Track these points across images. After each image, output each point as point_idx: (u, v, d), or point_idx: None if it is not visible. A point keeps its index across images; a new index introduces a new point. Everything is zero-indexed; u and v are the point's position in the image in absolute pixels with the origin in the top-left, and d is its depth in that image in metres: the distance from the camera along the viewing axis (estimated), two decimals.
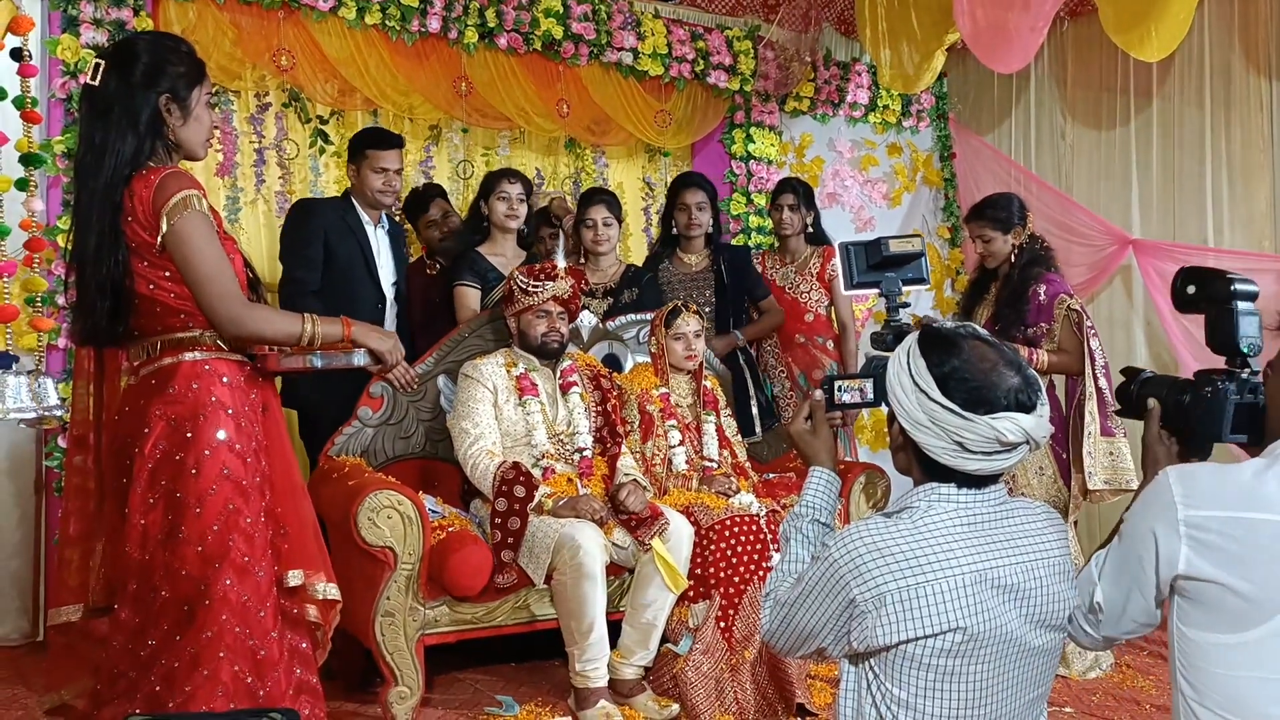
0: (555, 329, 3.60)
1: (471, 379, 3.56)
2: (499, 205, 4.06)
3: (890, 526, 1.69)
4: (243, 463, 2.31)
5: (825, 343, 4.66)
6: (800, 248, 4.71)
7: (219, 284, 2.29)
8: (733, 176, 5.60)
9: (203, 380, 2.32)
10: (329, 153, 4.77)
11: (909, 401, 1.73)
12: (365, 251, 3.83)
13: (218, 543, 2.25)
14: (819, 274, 4.63)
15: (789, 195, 4.64)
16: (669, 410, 3.82)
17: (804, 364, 4.67)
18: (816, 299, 4.65)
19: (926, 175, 6.09)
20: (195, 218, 2.26)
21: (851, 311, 4.79)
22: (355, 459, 3.60)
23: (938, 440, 1.70)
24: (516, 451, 3.52)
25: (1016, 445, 1.69)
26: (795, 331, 4.66)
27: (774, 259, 4.76)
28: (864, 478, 3.89)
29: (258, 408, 2.41)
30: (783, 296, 4.67)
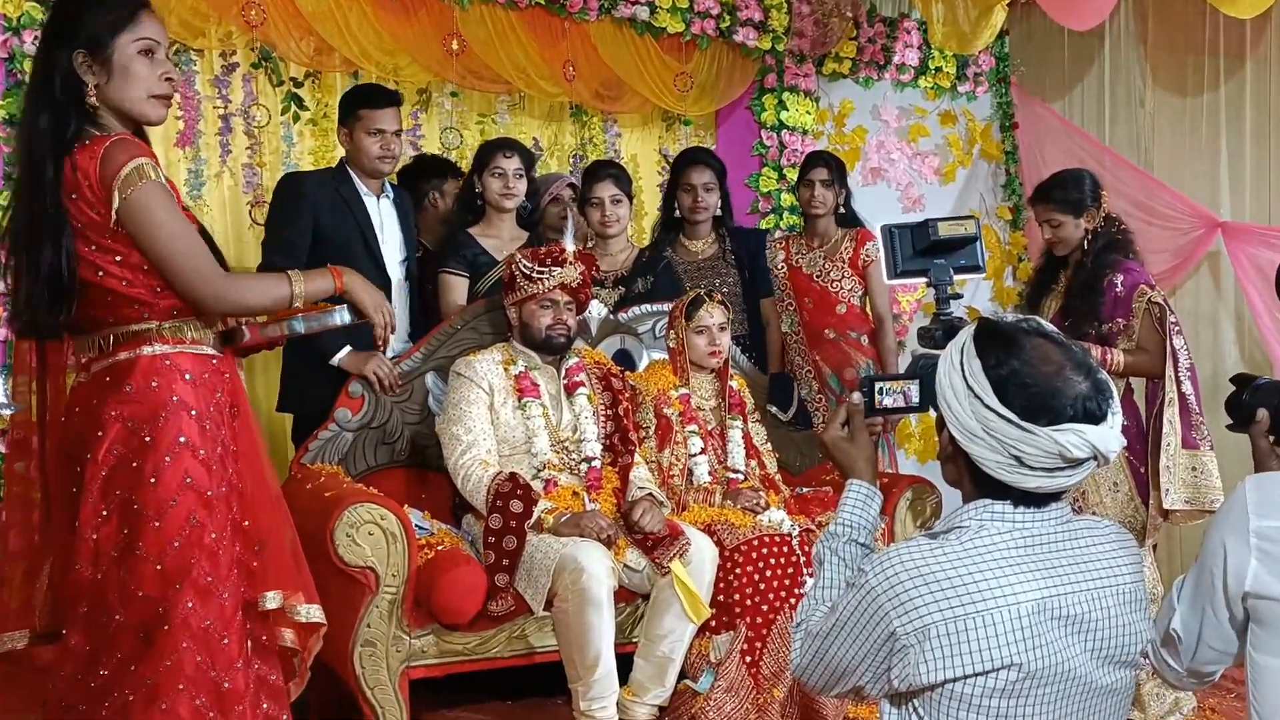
0: (561, 321, 3.61)
1: (464, 378, 3.57)
2: (493, 182, 4.07)
3: (936, 549, 1.69)
4: (207, 470, 2.32)
5: (859, 338, 4.66)
6: (831, 230, 4.71)
7: (192, 259, 2.30)
8: (762, 149, 5.59)
9: (162, 377, 2.33)
10: (304, 120, 4.79)
11: (961, 407, 1.72)
12: (365, 228, 3.84)
13: (179, 560, 2.26)
14: (852, 259, 4.64)
15: (820, 170, 4.64)
16: (689, 414, 3.83)
17: (834, 362, 4.67)
18: (850, 288, 4.65)
19: (984, 148, 6.08)
20: (152, 189, 2.27)
21: (889, 303, 4.79)
22: (332, 467, 3.62)
23: (992, 453, 1.70)
24: (514, 461, 3.52)
25: (1082, 461, 1.68)
26: (825, 325, 4.67)
27: (800, 243, 4.77)
28: (911, 493, 3.89)
29: (225, 408, 2.42)
30: (811, 286, 4.67)
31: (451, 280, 4.05)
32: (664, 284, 4.33)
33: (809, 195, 4.65)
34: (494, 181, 4.07)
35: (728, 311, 3.92)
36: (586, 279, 3.68)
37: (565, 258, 3.61)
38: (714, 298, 3.89)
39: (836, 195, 4.65)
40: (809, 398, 4.67)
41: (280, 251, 3.71)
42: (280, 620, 2.46)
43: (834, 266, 4.65)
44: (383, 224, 3.91)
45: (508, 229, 4.16)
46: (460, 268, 4.05)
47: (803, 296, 4.70)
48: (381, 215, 3.92)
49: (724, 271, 4.56)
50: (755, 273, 4.59)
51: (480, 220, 4.13)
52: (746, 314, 4.58)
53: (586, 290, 3.70)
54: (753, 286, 4.58)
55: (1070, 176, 4.00)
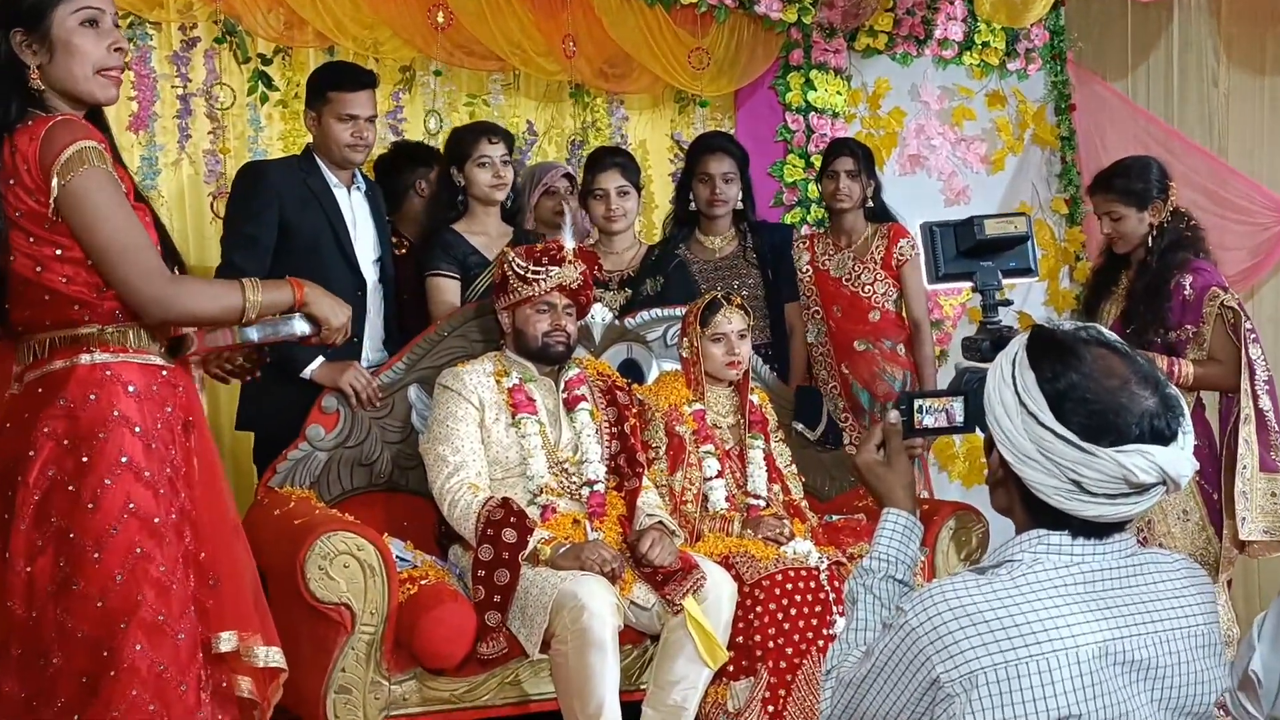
0: (560, 327, 3.61)
1: (451, 391, 3.57)
2: (480, 174, 4.06)
3: (984, 586, 1.68)
4: (154, 495, 2.31)
5: (894, 348, 4.66)
6: (859, 226, 4.71)
7: (135, 256, 2.30)
8: (787, 133, 5.59)
9: (103, 389, 2.32)
10: (272, 101, 4.79)
11: (1012, 426, 1.71)
12: (335, 223, 3.84)
13: (123, 596, 2.25)
14: (884, 259, 4.62)
15: (846, 159, 4.64)
16: (704, 432, 3.82)
17: (865, 376, 4.66)
18: (883, 292, 4.64)
19: (1037, 132, 6.06)
20: (95, 175, 2.26)
21: (927, 308, 4.77)
22: (303, 491, 3.62)
23: (1048, 477, 1.69)
24: (508, 485, 3.52)
25: (1149, 486, 1.67)
26: (855, 334, 4.66)
27: (826, 242, 4.77)
28: (954, 522, 3.88)
29: (175, 425, 2.41)
30: (840, 291, 4.67)
31: (443, 283, 4.06)
32: (676, 285, 4.32)
33: (833, 188, 4.65)
34: (481, 173, 4.06)
35: (748, 317, 3.91)
36: (588, 279, 3.67)
37: (564, 256, 3.60)
38: (733, 301, 3.88)
39: (864, 187, 4.65)
40: (835, 415, 4.67)
41: (242, 250, 3.71)
42: (235, 665, 2.45)
43: (865, 268, 4.64)
44: (355, 219, 3.91)
45: (494, 224, 4.16)
46: (451, 269, 4.06)
47: (830, 303, 4.69)
48: (353, 209, 3.92)
49: (744, 272, 4.56)
50: (779, 273, 4.59)
51: (463, 217, 4.13)
52: (769, 319, 4.58)
53: (588, 292, 3.69)
54: (776, 289, 4.59)
55: (1135, 164, 3.98)
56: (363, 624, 3.15)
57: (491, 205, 4.12)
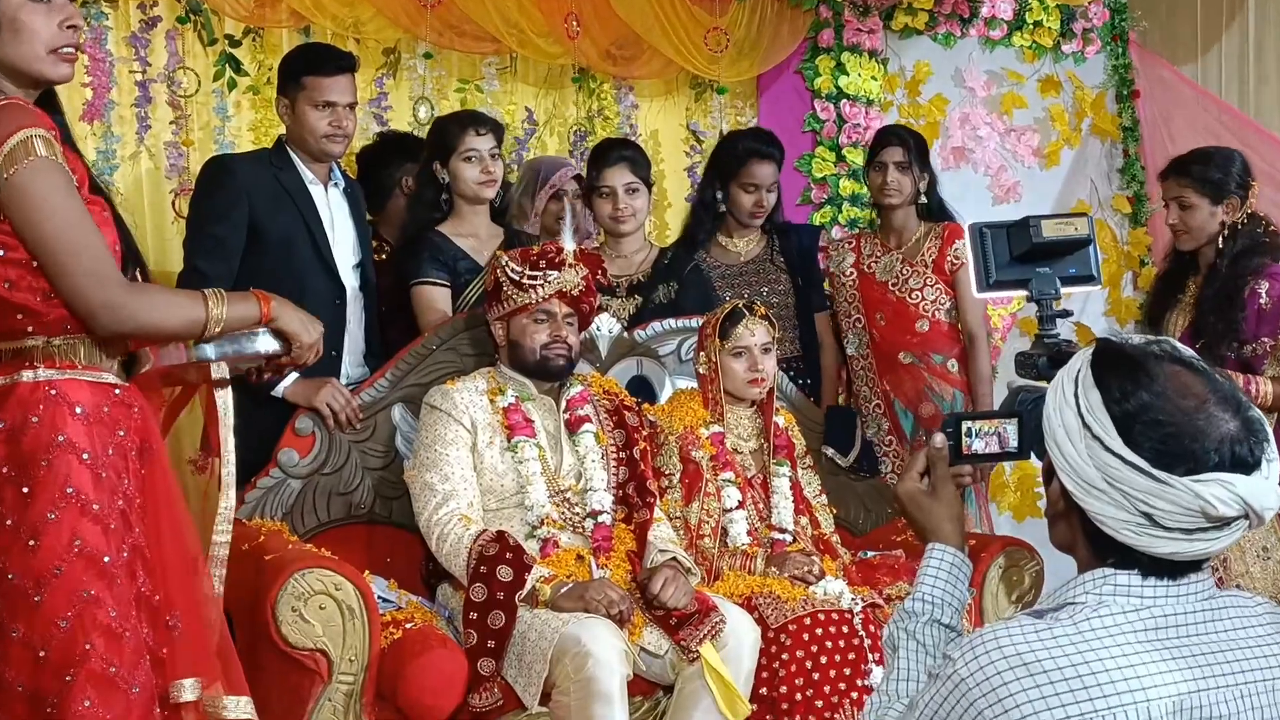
0: (561, 339, 3.61)
1: (439, 412, 3.57)
2: (467, 169, 4.07)
3: (1043, 631, 1.66)
4: (103, 530, 2.30)
5: (945, 363, 4.65)
6: (909, 225, 4.70)
7: (85, 257, 2.29)
8: (816, 123, 5.59)
9: (46, 410, 2.31)
10: (241, 88, 4.80)
11: (1075, 452, 1.71)
12: (312, 224, 3.86)
13: (67, 646, 2.23)
14: (937, 262, 4.62)
15: (895, 149, 4.62)
16: (724, 458, 3.82)
17: (910, 394, 4.66)
18: (933, 299, 4.63)
19: (1096, 122, 6.06)
20: (44, 167, 2.26)
21: (985, 318, 4.76)
22: (274, 524, 3.62)
23: (1115, 509, 1.68)
24: (503, 516, 3.52)
25: (1230, 520, 1.66)
26: (900, 346, 4.65)
27: (874, 243, 4.76)
28: (1003, 558, 3.86)
29: (129, 451, 2.40)
30: (885, 297, 4.67)
31: (433, 292, 4.06)
32: (693, 292, 4.34)
33: (880, 181, 4.64)
34: (468, 168, 4.07)
35: (773, 328, 3.91)
36: (591, 285, 3.67)
37: (563, 259, 3.60)
38: (756, 311, 3.88)
39: (916, 180, 4.64)
40: (877, 439, 4.67)
41: (207, 254, 3.73)
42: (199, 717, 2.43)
43: (914, 272, 4.63)
44: (333, 219, 3.93)
45: (484, 225, 4.17)
46: (442, 275, 4.07)
47: (874, 310, 4.69)
48: (331, 208, 3.94)
49: (771, 277, 4.58)
50: (808, 279, 4.58)
51: (449, 217, 4.14)
52: (799, 331, 4.57)
53: (591, 300, 3.70)
54: (807, 297, 4.58)
55: (1218, 154, 3.99)
56: (341, 672, 3.14)
57: (479, 204, 4.13)
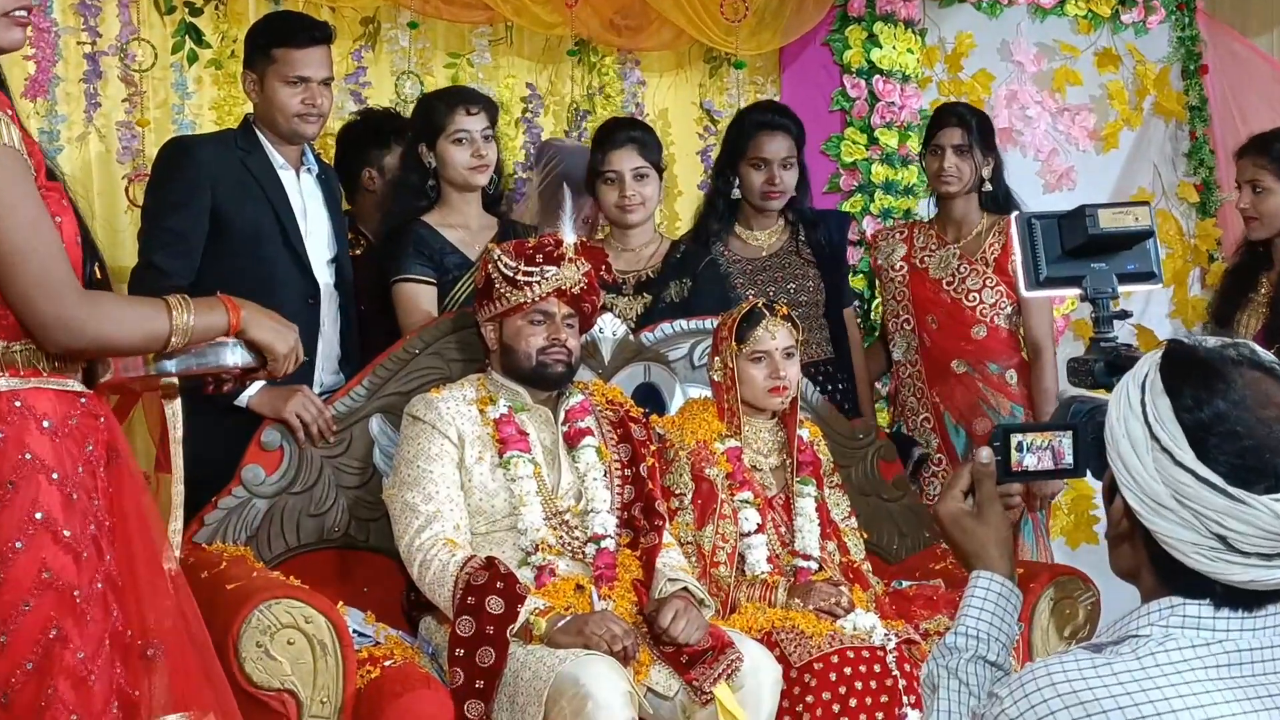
0: (560, 342, 3.61)
1: (423, 423, 3.57)
2: (456, 152, 4.09)
3: (1102, 667, 1.66)
4: (75, 560, 2.28)
5: (1002, 374, 4.65)
6: (970, 216, 4.70)
7: (38, 263, 2.28)
8: (845, 102, 5.59)
9: (12, 424, 2.29)
10: (203, 61, 4.81)
11: (1141, 466, 1.70)
12: (282, 214, 3.88)
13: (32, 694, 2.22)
14: (999, 260, 4.61)
15: (954, 131, 4.62)
16: (741, 476, 3.82)
17: (962, 407, 4.67)
18: (992, 302, 4.63)
19: (1159, 100, 6.05)
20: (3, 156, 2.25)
21: (1052, 325, 4.77)
22: (237, 549, 3.63)
23: (1186, 530, 1.67)
24: (494, 540, 3.53)
25: None
26: (953, 353, 4.66)
27: (928, 233, 4.76)
28: (1054, 589, 3.85)
29: (97, 466, 2.40)
30: (938, 297, 4.67)
31: (418, 290, 4.07)
32: (708, 290, 4.34)
33: (937, 166, 4.64)
34: (457, 151, 4.09)
35: (796, 330, 3.91)
36: (593, 282, 3.67)
37: (563, 253, 3.60)
38: (777, 310, 3.88)
39: (977, 166, 4.63)
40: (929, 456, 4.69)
41: (166, 248, 3.75)
42: None
43: (973, 270, 4.63)
44: (305, 208, 3.94)
45: (474, 214, 4.19)
46: (427, 271, 4.08)
47: (925, 311, 4.70)
48: (303, 196, 3.95)
49: (797, 272, 4.59)
50: (838, 274, 4.58)
51: (436, 205, 4.15)
52: (830, 332, 4.56)
53: (594, 298, 3.70)
54: (836, 293, 4.57)
55: None
56: (311, 715, 3.14)
57: (470, 191, 4.15)
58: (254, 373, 2.64)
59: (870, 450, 4.39)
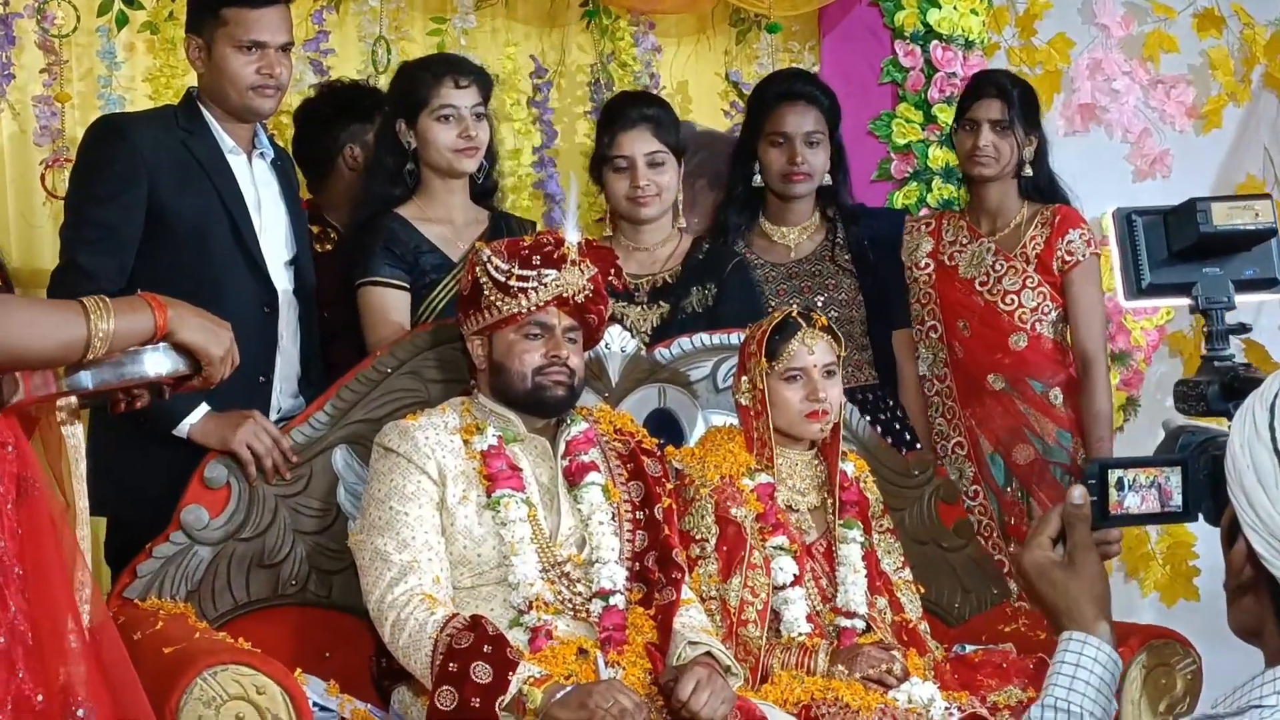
0: (559, 360, 3.60)
1: (397, 456, 3.56)
2: (440, 132, 4.10)
3: None
4: None
5: (1046, 393, 4.67)
6: (1007, 204, 4.72)
7: None
8: (897, 73, 5.60)
9: None
10: (136, 25, 4.83)
11: (1270, 502, 1.71)
12: (232, 206, 3.88)
13: None
14: (1042, 257, 4.64)
15: (992, 103, 4.64)
16: (774, 518, 3.81)
17: (1000, 433, 4.69)
18: (1034, 306, 4.65)
19: (1271, 70, 6.04)
20: None
21: (1106, 335, 4.77)
22: (176, 605, 3.62)
23: None
24: (480, 596, 3.53)
25: None
26: (989, 367, 4.68)
27: (957, 225, 4.78)
28: (1146, 655, 3.84)
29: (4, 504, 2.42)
30: (970, 299, 4.69)
31: (385, 296, 4.07)
32: (736, 297, 4.36)
33: (971, 145, 4.65)
34: (442, 130, 4.10)
35: (838, 345, 3.90)
36: (600, 289, 3.66)
37: (564, 254, 3.58)
38: (815, 321, 3.87)
39: (1019, 146, 4.65)
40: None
41: (93, 247, 3.75)
42: None
43: (1011, 268, 4.65)
44: (259, 200, 3.95)
45: (460, 207, 4.20)
46: (398, 273, 4.09)
47: (955, 316, 4.72)
48: (256, 185, 3.96)
49: (833, 279, 4.60)
50: (887, 282, 4.54)
51: (416, 194, 4.16)
52: (872, 349, 4.53)
53: (601, 308, 3.69)
54: (883, 304, 4.54)
55: None
56: None
57: (455, 178, 4.16)
58: (186, 382, 2.63)
59: (928, 489, 4.37)
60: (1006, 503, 4.67)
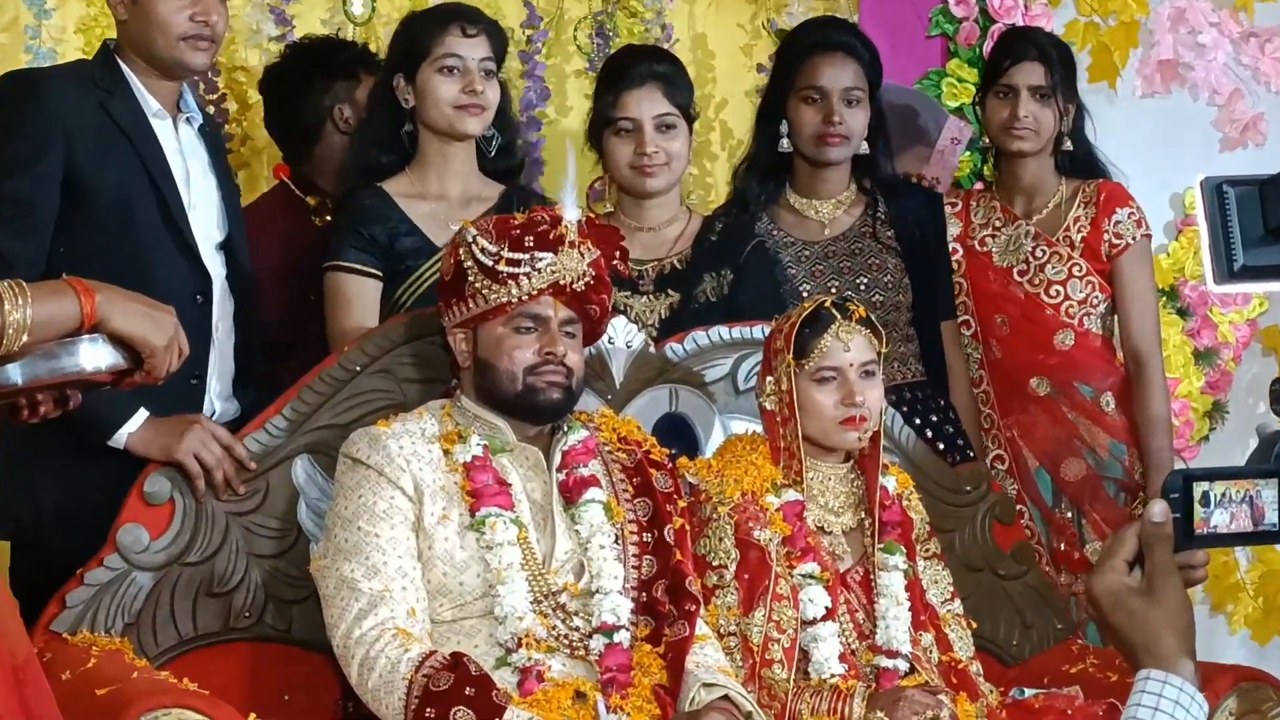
0: (555, 357, 3.61)
1: (366, 469, 3.58)
2: (442, 84, 4.12)
3: None
4: None
5: (1098, 398, 4.72)
6: (1044, 181, 4.78)
7: None
8: (948, 24, 5.61)
9: None
10: None
11: None
12: (159, 177, 3.88)
13: None
14: (1089, 241, 4.69)
15: (1033, 66, 4.69)
16: (804, 542, 3.82)
17: (1047, 444, 4.74)
18: (1082, 297, 4.70)
19: None
20: None
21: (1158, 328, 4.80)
22: (112, 640, 3.63)
23: None
24: (462, 631, 3.54)
25: None
26: (1032, 369, 4.73)
27: (989, 205, 4.83)
28: (1235, 699, 3.85)
29: None
30: (1007, 290, 4.74)
31: (354, 285, 4.10)
32: (755, 283, 4.39)
33: (1006, 114, 4.71)
34: (444, 83, 4.12)
35: (878, 339, 3.90)
36: (603, 275, 3.67)
37: (561, 234, 3.59)
38: (852, 312, 3.86)
39: (1059, 115, 4.70)
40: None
41: (5, 225, 3.74)
42: None
43: (1054, 254, 4.71)
44: (188, 172, 3.95)
45: (460, 179, 4.22)
46: (366, 258, 4.11)
47: (990, 310, 4.77)
48: (184, 155, 3.96)
49: (876, 258, 4.60)
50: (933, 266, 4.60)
51: (406, 166, 4.18)
52: (919, 343, 4.55)
53: (603, 297, 3.70)
54: (930, 292, 4.57)
55: None
56: None
57: (456, 141, 4.18)
58: (127, 377, 2.63)
59: (981, 508, 4.38)
60: (1056, 525, 4.69)
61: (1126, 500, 4.71)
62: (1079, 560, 4.68)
